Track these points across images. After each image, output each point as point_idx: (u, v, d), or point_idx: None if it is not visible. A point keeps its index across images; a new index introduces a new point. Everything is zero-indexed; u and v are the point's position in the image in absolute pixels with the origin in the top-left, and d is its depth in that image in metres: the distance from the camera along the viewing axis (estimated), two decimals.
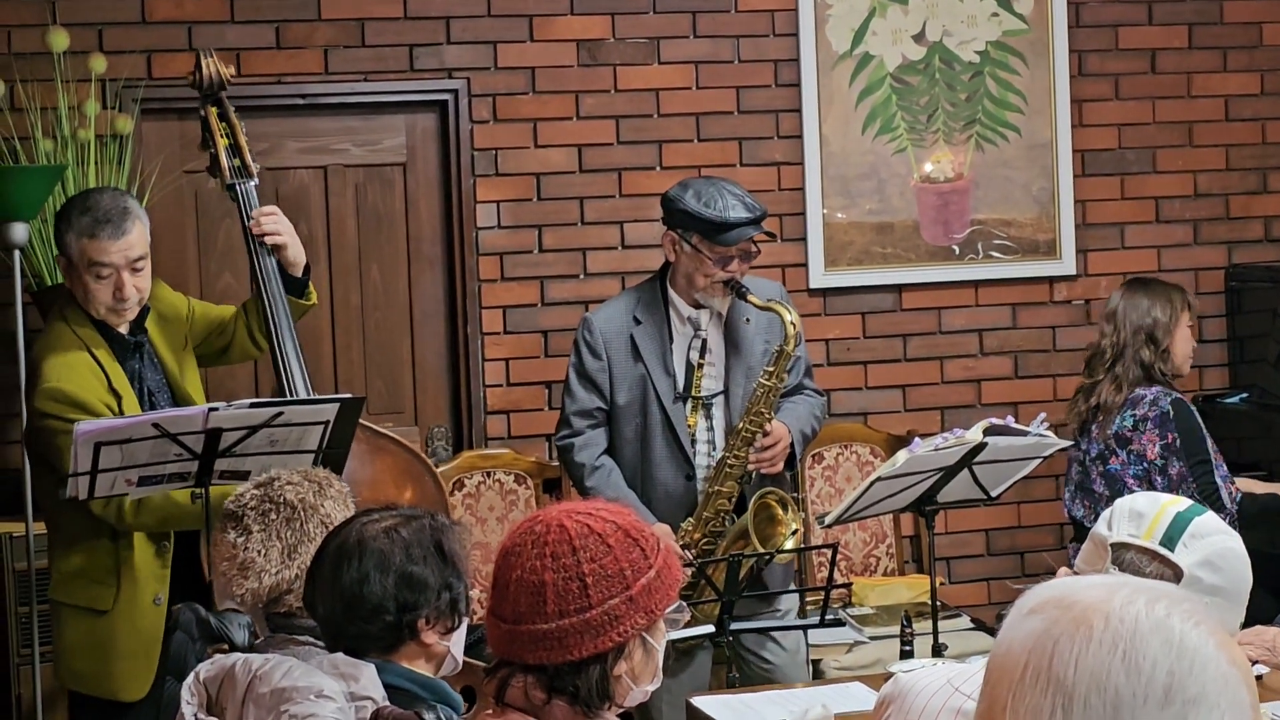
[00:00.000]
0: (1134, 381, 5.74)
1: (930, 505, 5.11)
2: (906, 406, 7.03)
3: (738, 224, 5.14)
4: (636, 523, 2.75)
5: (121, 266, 4.79)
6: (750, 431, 5.18)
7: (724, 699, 4.43)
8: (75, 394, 4.69)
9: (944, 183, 7.04)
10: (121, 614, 4.83)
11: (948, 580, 6.99)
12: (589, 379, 5.31)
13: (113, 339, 4.88)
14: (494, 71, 6.62)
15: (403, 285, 6.65)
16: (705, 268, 5.19)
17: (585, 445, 5.30)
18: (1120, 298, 5.86)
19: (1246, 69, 7.32)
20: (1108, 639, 1.51)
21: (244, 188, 5.18)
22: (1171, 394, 5.72)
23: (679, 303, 5.30)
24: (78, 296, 4.86)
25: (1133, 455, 5.71)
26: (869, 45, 6.92)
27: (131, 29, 6.30)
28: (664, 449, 5.28)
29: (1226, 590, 3.18)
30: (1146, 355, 5.74)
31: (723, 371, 5.31)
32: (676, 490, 5.28)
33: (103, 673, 4.87)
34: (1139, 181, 7.24)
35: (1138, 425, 5.71)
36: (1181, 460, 5.65)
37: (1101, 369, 5.80)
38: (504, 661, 2.72)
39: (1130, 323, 5.78)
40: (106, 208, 4.81)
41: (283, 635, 3.54)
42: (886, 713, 2.91)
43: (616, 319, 5.34)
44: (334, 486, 3.77)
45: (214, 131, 5.21)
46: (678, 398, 5.27)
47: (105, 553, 4.82)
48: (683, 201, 5.19)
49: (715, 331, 5.32)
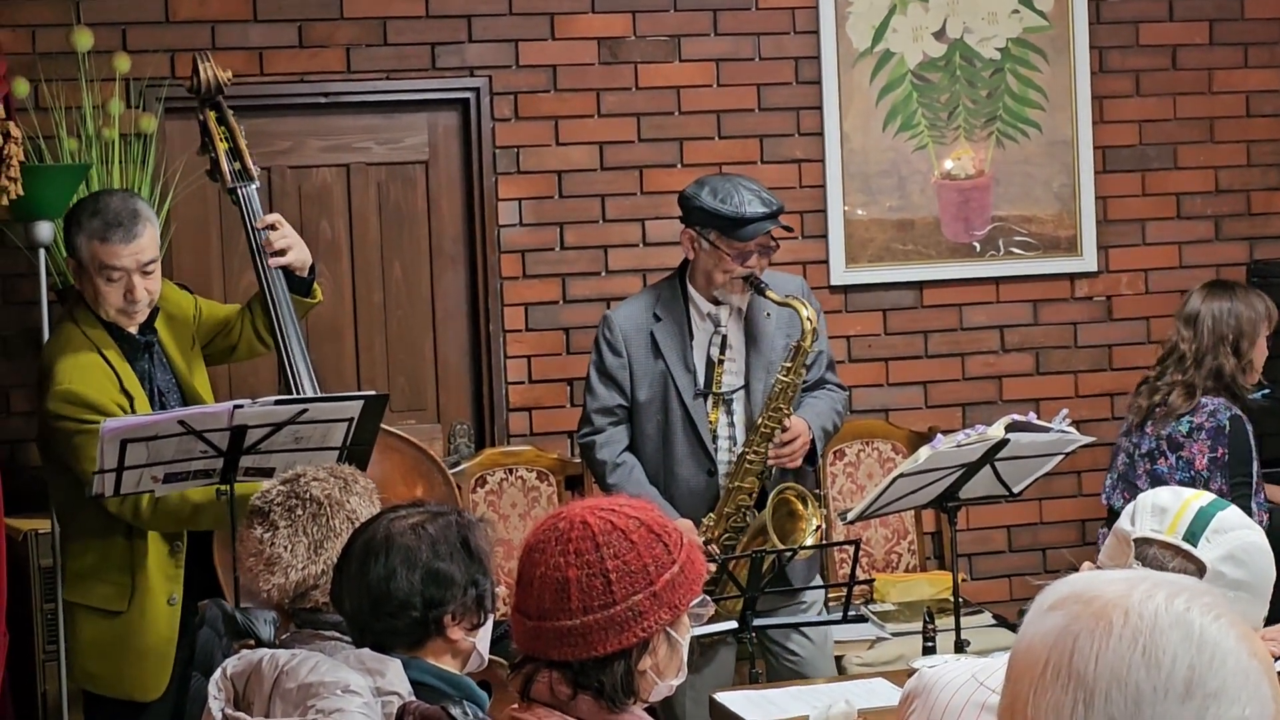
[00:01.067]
0: (1207, 390, 5.64)
1: (952, 502, 5.10)
2: (928, 403, 7.03)
3: (755, 219, 5.16)
4: (660, 518, 2.76)
5: (132, 269, 4.80)
6: (769, 427, 5.19)
7: (747, 694, 4.44)
8: (88, 395, 4.70)
9: (965, 179, 7.04)
10: (136, 614, 4.84)
11: (969, 577, 7.00)
12: (610, 376, 5.33)
13: (122, 339, 4.88)
14: (515, 70, 6.64)
15: (425, 283, 6.67)
16: (724, 264, 5.20)
17: (607, 443, 5.32)
18: (1202, 301, 5.73)
19: (1268, 65, 7.31)
20: (1128, 634, 1.51)
21: (245, 191, 5.16)
22: (1233, 409, 5.63)
23: (698, 299, 5.31)
24: (87, 298, 4.86)
25: (1181, 461, 5.64)
26: (889, 42, 6.92)
27: (155, 28, 6.32)
28: (685, 445, 5.29)
29: (1250, 585, 3.19)
30: (1229, 365, 5.64)
31: (743, 367, 5.32)
32: (698, 486, 5.29)
33: (117, 673, 4.88)
34: (1160, 178, 7.23)
35: (1192, 433, 5.63)
36: (1224, 477, 5.59)
37: (1176, 369, 5.70)
38: (529, 657, 2.73)
39: (1214, 329, 5.67)
40: (117, 210, 4.81)
41: (309, 631, 3.56)
42: (911, 707, 2.92)
43: (636, 316, 5.36)
44: (360, 483, 3.79)
45: (213, 136, 5.18)
46: (698, 394, 5.28)
47: (119, 553, 4.83)
48: (699, 199, 5.21)
49: (735, 327, 5.33)
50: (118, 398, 4.77)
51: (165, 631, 4.86)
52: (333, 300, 6.43)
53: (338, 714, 3.07)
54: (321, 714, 3.07)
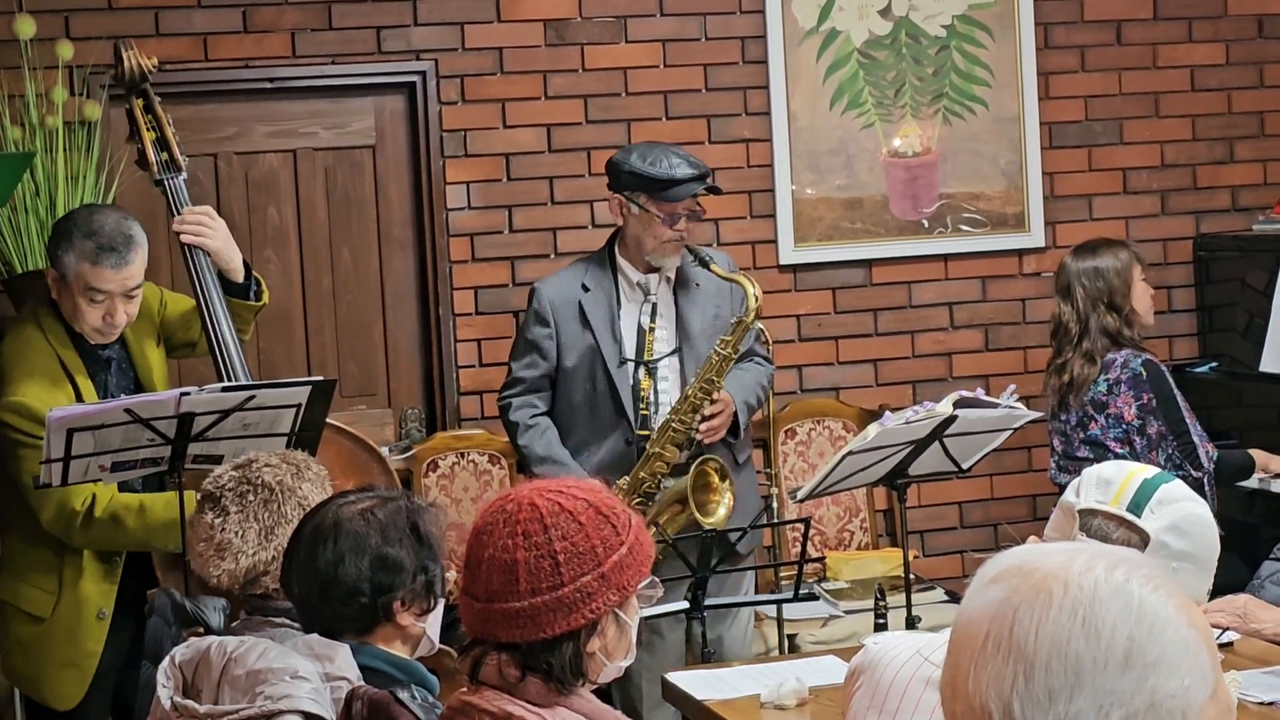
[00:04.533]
0: (1103, 350, 5.77)
1: (902, 479, 5.13)
2: (878, 381, 7.05)
3: (683, 180, 5.29)
4: (608, 499, 2.77)
5: (117, 294, 4.76)
6: (699, 399, 5.26)
7: (699, 674, 4.45)
8: (39, 411, 4.59)
9: (912, 157, 7.05)
10: (59, 623, 4.82)
11: (921, 553, 7.02)
12: (533, 344, 5.45)
13: (84, 351, 4.86)
14: (461, 53, 6.62)
15: (374, 268, 6.65)
16: (654, 228, 5.32)
17: (522, 405, 5.45)
18: (1069, 270, 5.89)
19: (1212, 39, 7.34)
20: (1067, 605, 1.52)
21: (173, 183, 5.09)
22: (1142, 355, 5.77)
23: (628, 269, 5.42)
24: (64, 311, 4.81)
25: (1111, 419, 5.75)
26: (835, 21, 6.93)
27: (98, 15, 6.28)
28: (609, 413, 5.40)
29: (1194, 556, 3.21)
30: (1111, 323, 5.78)
31: (673, 334, 5.40)
32: (619, 452, 5.38)
33: (37, 677, 4.86)
34: (1106, 153, 7.26)
35: (1112, 389, 5.74)
36: (1159, 419, 5.70)
37: (1069, 345, 5.83)
38: (478, 640, 2.74)
39: (1086, 294, 5.80)
40: (111, 234, 4.74)
41: (258, 617, 3.56)
42: (857, 683, 2.93)
43: (565, 287, 5.47)
44: (312, 469, 3.78)
45: (140, 125, 5.10)
46: (622, 362, 5.37)
47: (47, 560, 4.81)
48: (628, 163, 5.33)
49: (666, 295, 5.44)
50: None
51: (89, 644, 4.82)
52: (282, 286, 6.41)
53: (286, 700, 3.06)
54: (270, 700, 3.06)
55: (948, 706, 1.59)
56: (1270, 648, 4.21)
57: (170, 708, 3.20)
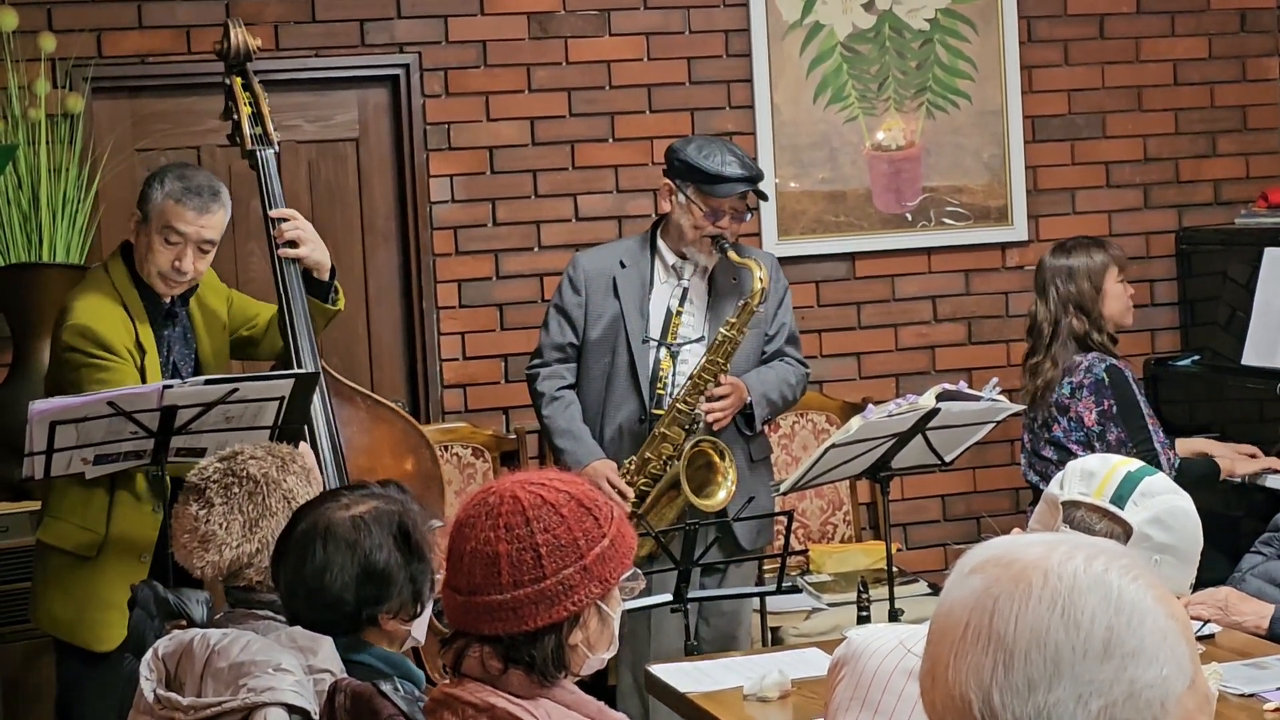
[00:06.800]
0: (1071, 354, 5.78)
1: (885, 471, 5.14)
2: (861, 374, 7.06)
3: (731, 179, 5.33)
4: (590, 492, 2.76)
5: (193, 239, 4.86)
6: (704, 380, 5.28)
7: (682, 667, 4.45)
8: (102, 333, 4.76)
9: (896, 151, 7.06)
10: (107, 563, 4.85)
11: (904, 546, 7.04)
12: (565, 314, 5.49)
13: (148, 299, 4.92)
14: (445, 45, 6.62)
15: (357, 261, 6.65)
16: (695, 219, 5.37)
17: (550, 376, 5.48)
18: (1046, 267, 5.89)
19: (1194, 33, 7.35)
20: (1046, 595, 1.53)
21: (264, 154, 5.25)
22: (1107, 360, 5.75)
23: (666, 252, 5.48)
24: (137, 252, 4.90)
25: (1072, 422, 5.76)
26: (819, 14, 6.93)
27: (81, 7, 6.27)
28: (626, 389, 5.42)
29: (1177, 549, 3.22)
30: (1079, 326, 5.78)
31: (702, 321, 5.42)
32: (632, 430, 5.41)
33: (79, 620, 4.88)
34: (1089, 147, 7.27)
35: (1075, 392, 5.74)
36: (1119, 426, 5.69)
37: (1042, 346, 5.83)
38: (460, 632, 2.73)
39: (1059, 295, 5.81)
40: (200, 183, 4.91)
41: (242, 610, 3.56)
42: (840, 675, 2.93)
43: (603, 260, 5.54)
44: (298, 462, 3.78)
45: (238, 100, 5.29)
46: (646, 340, 5.39)
47: (100, 501, 4.85)
48: (684, 152, 5.38)
49: (699, 284, 5.47)
50: (131, 345, 4.82)
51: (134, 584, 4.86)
52: (265, 280, 6.40)
53: (269, 692, 3.06)
54: (253, 692, 3.07)
55: (927, 696, 1.59)
56: (1251, 640, 4.23)
57: (153, 700, 3.20)
